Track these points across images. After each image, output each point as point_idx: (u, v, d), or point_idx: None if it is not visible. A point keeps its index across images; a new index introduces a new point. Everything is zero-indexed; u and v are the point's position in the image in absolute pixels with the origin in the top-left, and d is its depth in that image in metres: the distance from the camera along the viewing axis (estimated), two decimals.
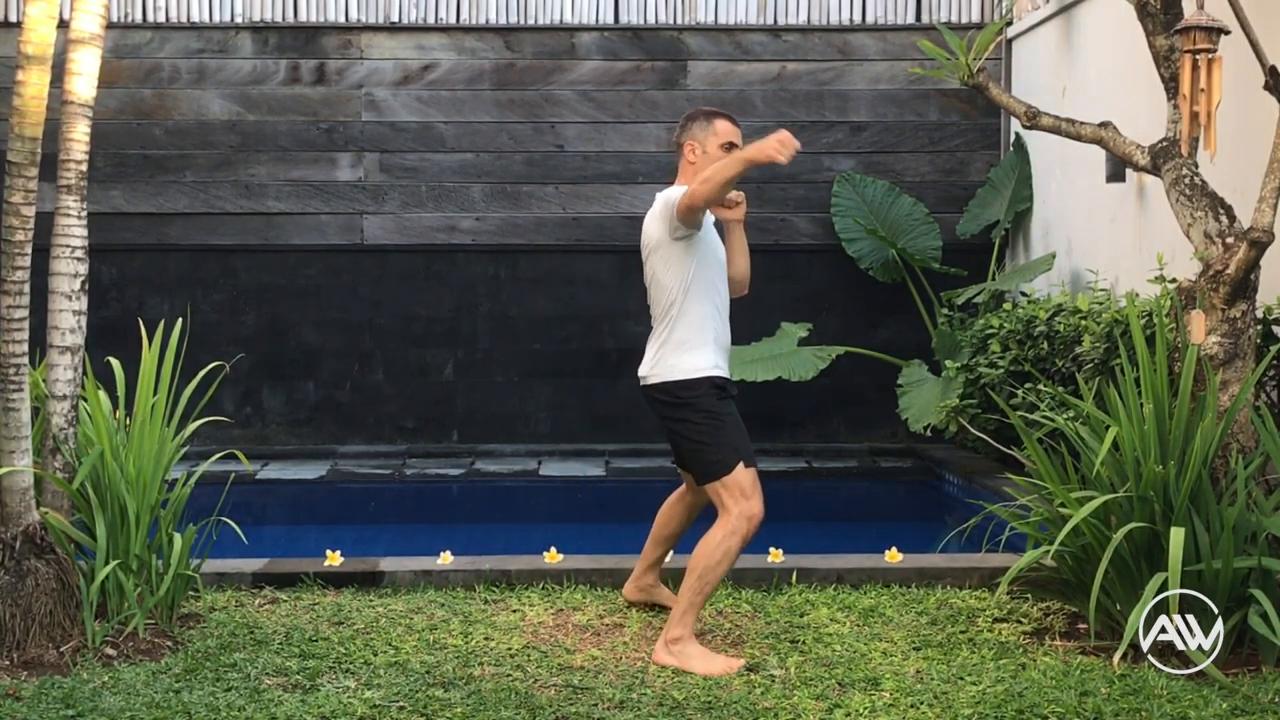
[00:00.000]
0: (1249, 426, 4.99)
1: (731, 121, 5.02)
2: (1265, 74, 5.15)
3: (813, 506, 8.90)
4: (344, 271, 9.66)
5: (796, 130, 5.05)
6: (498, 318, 9.71)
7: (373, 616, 5.23)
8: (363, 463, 9.27)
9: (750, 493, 4.84)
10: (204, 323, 9.37)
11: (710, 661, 4.65)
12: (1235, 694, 4.35)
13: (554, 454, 9.37)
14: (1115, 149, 5.62)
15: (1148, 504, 4.80)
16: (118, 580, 4.89)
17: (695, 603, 4.74)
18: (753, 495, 4.84)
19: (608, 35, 9.70)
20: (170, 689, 4.38)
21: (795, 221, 9.65)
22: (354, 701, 4.30)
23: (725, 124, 4.98)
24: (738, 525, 4.77)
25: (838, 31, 9.73)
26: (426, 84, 9.62)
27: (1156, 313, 5.28)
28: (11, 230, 4.77)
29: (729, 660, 4.68)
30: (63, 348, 5.03)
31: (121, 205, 9.50)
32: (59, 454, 5.00)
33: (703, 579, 4.74)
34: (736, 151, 4.86)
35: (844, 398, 9.70)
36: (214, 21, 9.59)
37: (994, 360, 7.91)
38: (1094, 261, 8.02)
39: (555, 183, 9.65)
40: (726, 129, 4.97)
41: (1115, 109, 6.82)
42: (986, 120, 9.72)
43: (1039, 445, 5.13)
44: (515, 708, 4.26)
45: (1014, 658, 4.75)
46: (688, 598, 4.74)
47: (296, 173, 9.59)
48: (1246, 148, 5.81)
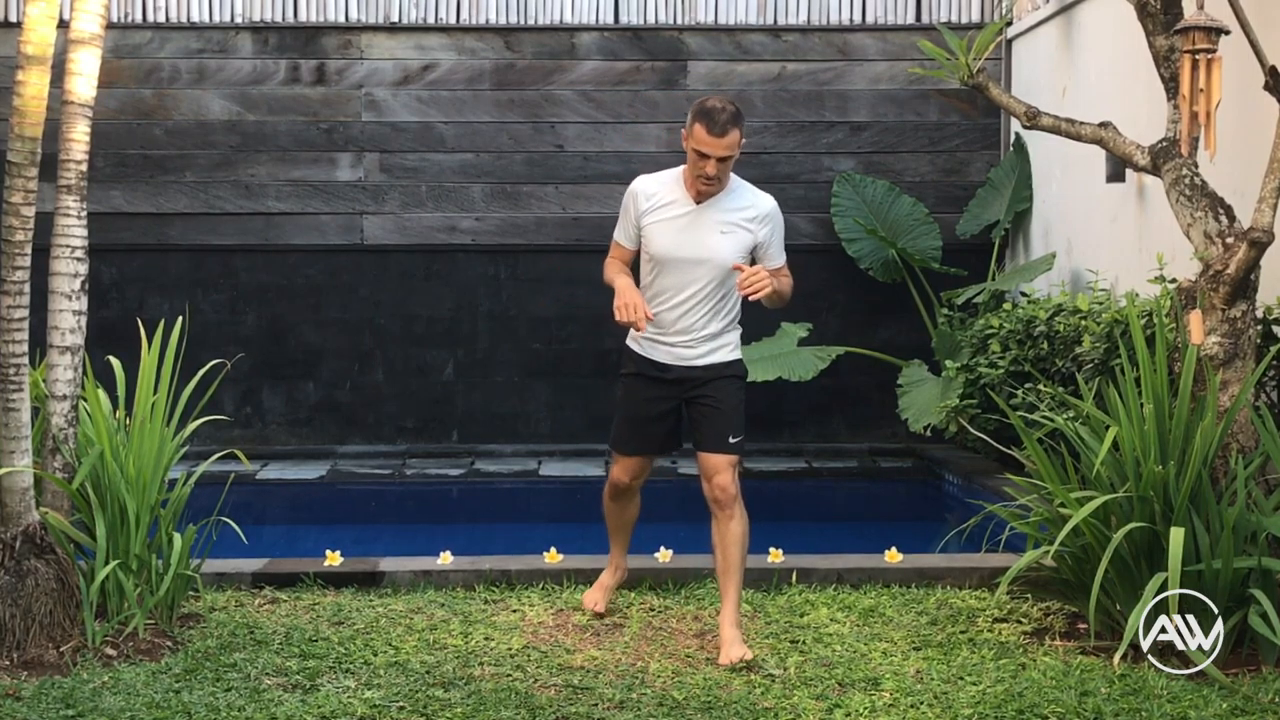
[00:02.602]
0: (1249, 426, 4.99)
1: (710, 129, 4.76)
2: (1265, 74, 5.14)
3: (813, 506, 8.90)
4: (344, 271, 9.65)
5: (796, 130, 5.05)
6: (498, 318, 9.71)
7: (373, 616, 5.23)
8: (363, 463, 9.26)
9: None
10: (204, 323, 9.36)
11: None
12: (1235, 694, 4.36)
13: (554, 454, 9.36)
14: (1115, 149, 5.62)
15: (1148, 504, 4.80)
16: (118, 580, 4.89)
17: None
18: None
19: (608, 35, 9.69)
20: (170, 689, 4.39)
21: (795, 221, 9.64)
22: (354, 701, 4.30)
23: (700, 131, 4.78)
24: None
25: (838, 31, 9.73)
26: (426, 84, 9.62)
27: (1156, 313, 5.28)
28: (11, 230, 4.77)
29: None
30: (63, 348, 5.03)
31: (121, 205, 9.50)
32: (59, 454, 5.00)
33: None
34: (618, 281, 4.94)
35: (844, 398, 9.69)
36: (214, 21, 9.59)
37: (994, 360, 7.91)
38: (1094, 261, 8.02)
39: (555, 183, 9.65)
40: (699, 138, 4.79)
41: (1115, 109, 6.82)
42: (986, 120, 9.72)
43: (1039, 445, 5.13)
44: (515, 708, 4.26)
45: (1014, 658, 4.75)
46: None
47: (296, 173, 9.59)
48: (1246, 148, 5.81)
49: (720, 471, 4.91)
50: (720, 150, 4.78)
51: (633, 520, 5.40)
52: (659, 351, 5.05)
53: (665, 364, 5.05)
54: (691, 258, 4.93)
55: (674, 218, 4.95)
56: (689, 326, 5.00)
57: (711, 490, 4.93)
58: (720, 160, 4.80)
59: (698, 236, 4.92)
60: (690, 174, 4.90)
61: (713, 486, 4.92)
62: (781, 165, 9.63)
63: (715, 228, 4.91)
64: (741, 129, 4.84)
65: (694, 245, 4.92)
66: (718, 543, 4.92)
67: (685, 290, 4.97)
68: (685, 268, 4.94)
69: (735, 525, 4.89)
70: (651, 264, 5.02)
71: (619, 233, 5.11)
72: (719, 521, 4.92)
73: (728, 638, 4.81)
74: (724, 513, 4.89)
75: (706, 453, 4.97)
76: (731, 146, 4.80)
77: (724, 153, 4.79)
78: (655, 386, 5.08)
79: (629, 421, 5.20)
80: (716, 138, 4.77)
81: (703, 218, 4.93)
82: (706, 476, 4.96)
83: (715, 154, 4.79)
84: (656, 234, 4.97)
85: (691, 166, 4.87)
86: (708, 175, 4.82)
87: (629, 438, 5.22)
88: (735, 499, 4.90)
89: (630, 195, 5.05)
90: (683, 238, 4.93)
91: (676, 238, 4.94)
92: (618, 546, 5.42)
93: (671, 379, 5.06)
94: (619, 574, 5.42)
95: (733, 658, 4.71)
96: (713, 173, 4.82)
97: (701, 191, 4.90)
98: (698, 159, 4.82)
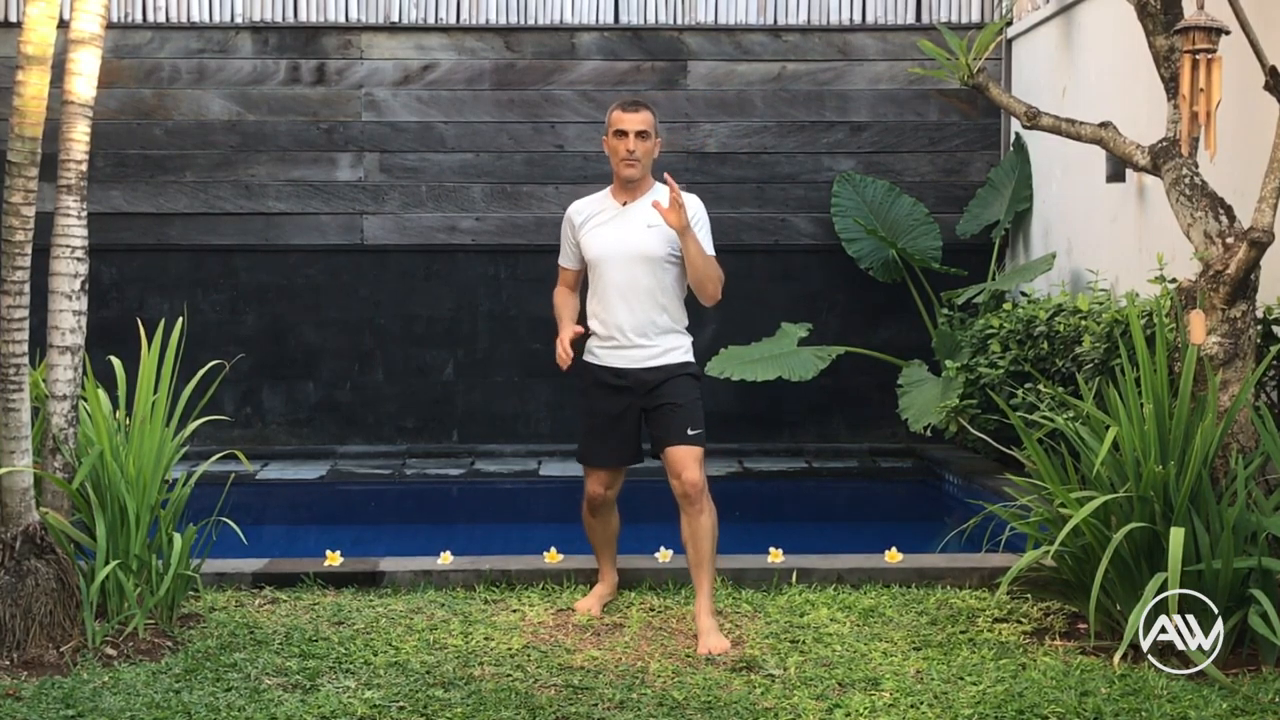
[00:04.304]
0: (1249, 426, 4.99)
1: (623, 109, 5.23)
2: (1265, 74, 5.14)
3: (813, 506, 8.90)
4: (344, 271, 9.65)
5: (796, 130, 5.09)
6: (498, 318, 9.71)
7: (373, 616, 5.23)
8: (363, 463, 9.26)
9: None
10: (204, 323, 9.37)
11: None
12: (1235, 694, 4.35)
13: (554, 454, 9.36)
14: (1115, 149, 5.62)
15: (1148, 504, 4.80)
16: (118, 580, 4.89)
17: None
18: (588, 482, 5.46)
19: (608, 35, 9.69)
20: (170, 689, 4.39)
21: (795, 221, 9.65)
22: (354, 701, 4.30)
23: (616, 113, 5.24)
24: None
25: (838, 31, 9.73)
26: (426, 84, 9.62)
27: (1156, 313, 5.28)
28: (11, 230, 4.77)
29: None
30: (63, 348, 5.03)
31: (121, 205, 9.50)
32: (59, 454, 5.00)
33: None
34: (560, 322, 5.39)
35: (844, 398, 9.69)
36: (214, 21, 9.59)
37: (994, 360, 7.91)
38: (1094, 261, 8.02)
39: (555, 183, 9.65)
40: (615, 118, 5.23)
41: (1115, 109, 6.82)
42: (986, 120, 9.72)
43: (1039, 445, 5.13)
44: (515, 708, 4.26)
45: (1014, 658, 4.75)
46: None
47: (296, 173, 9.59)
48: (1246, 148, 5.81)
49: (687, 467, 5.11)
50: (634, 125, 5.19)
51: (614, 534, 5.54)
52: (614, 357, 5.31)
53: (621, 369, 5.30)
54: (623, 254, 5.24)
55: (604, 223, 5.31)
56: (637, 325, 5.25)
57: (681, 486, 5.11)
58: (637, 135, 5.18)
59: (626, 234, 5.24)
60: (615, 163, 5.27)
61: (682, 482, 5.11)
62: (781, 165, 9.63)
63: (641, 225, 5.24)
64: (654, 114, 5.28)
65: (623, 242, 5.24)
66: (688, 538, 5.12)
67: (627, 288, 5.24)
68: (620, 265, 5.24)
69: (705, 519, 5.10)
70: (593, 271, 5.32)
71: (562, 257, 5.48)
72: (689, 517, 5.11)
73: (705, 627, 4.98)
74: (694, 508, 5.09)
75: (671, 446, 5.17)
76: (645, 123, 5.21)
77: (638, 126, 5.19)
78: (613, 395, 5.32)
79: (592, 433, 5.43)
80: (630, 113, 5.22)
81: (629, 216, 5.26)
82: (674, 473, 5.14)
83: (631, 128, 5.19)
84: (591, 241, 5.31)
85: (613, 155, 5.25)
86: (628, 151, 5.18)
87: (595, 450, 5.43)
88: (703, 493, 5.11)
89: (566, 220, 5.44)
90: (613, 237, 5.27)
91: (607, 239, 5.28)
92: (605, 561, 5.56)
93: (628, 384, 5.28)
94: (610, 585, 5.53)
95: (711, 647, 4.86)
96: (632, 147, 5.19)
97: (625, 175, 5.23)
98: (617, 142, 5.22)
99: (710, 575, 5.10)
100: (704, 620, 5.00)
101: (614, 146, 5.23)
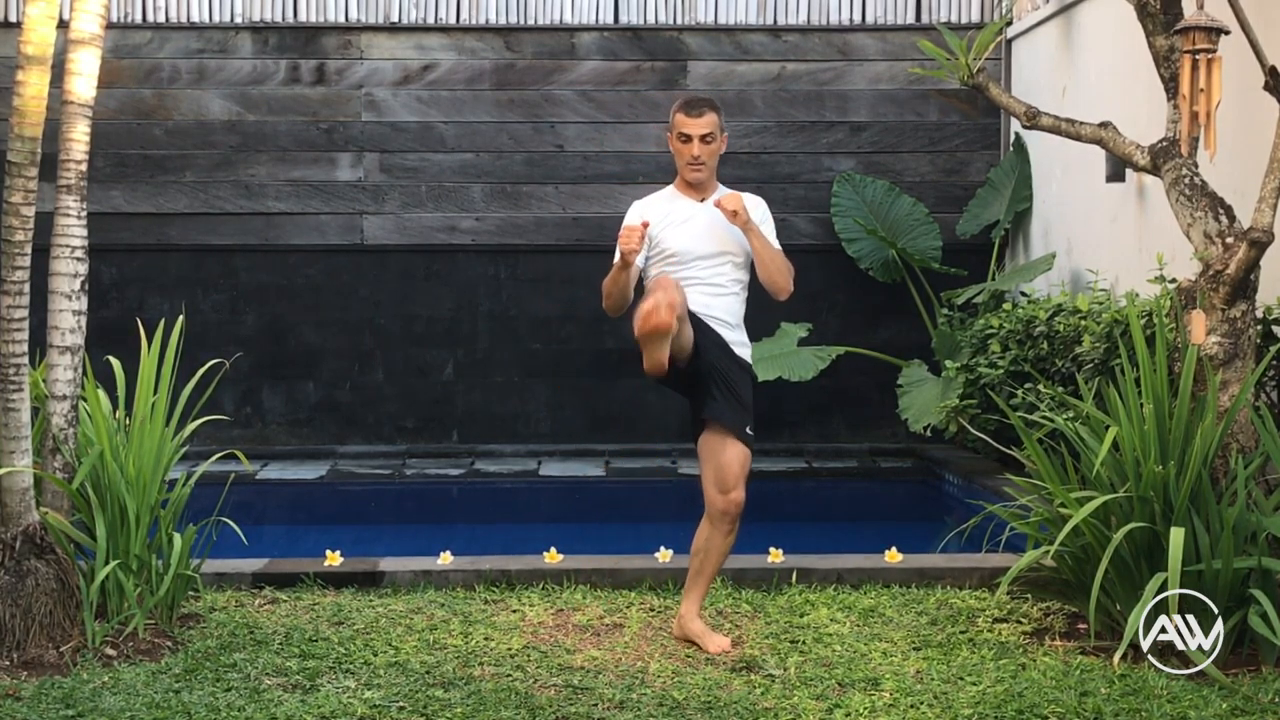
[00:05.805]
0: (1249, 426, 4.99)
1: (687, 112, 5.03)
2: (1265, 74, 5.15)
3: (813, 506, 8.90)
4: (344, 271, 9.65)
5: (796, 130, 5.08)
6: (498, 318, 9.71)
7: (373, 616, 5.23)
8: (363, 463, 9.26)
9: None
10: (204, 323, 9.37)
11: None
12: (1235, 694, 4.35)
13: (554, 454, 9.36)
14: (1115, 149, 5.62)
15: (1148, 504, 4.80)
16: (118, 580, 4.89)
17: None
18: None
19: (608, 35, 9.70)
20: (170, 689, 4.38)
21: (795, 221, 9.65)
22: (354, 701, 4.30)
23: (680, 117, 5.05)
24: None
25: (838, 31, 9.73)
26: (426, 84, 9.62)
27: (1156, 313, 5.27)
28: (11, 230, 4.77)
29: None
30: (63, 348, 5.03)
31: (121, 205, 9.50)
32: (59, 454, 5.00)
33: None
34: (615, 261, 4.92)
35: (844, 398, 9.69)
36: (214, 21, 9.59)
37: (994, 360, 7.91)
38: (1094, 261, 8.02)
39: (555, 183, 9.65)
40: (679, 122, 5.05)
41: (1115, 109, 6.82)
42: (986, 120, 9.72)
43: (1039, 445, 5.13)
44: (515, 708, 4.26)
45: (1014, 658, 4.75)
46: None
47: (296, 173, 9.59)
48: (1246, 148, 5.81)
49: (737, 487, 4.93)
50: (699, 129, 5.01)
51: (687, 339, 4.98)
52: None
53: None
54: (714, 251, 5.04)
55: (686, 220, 5.06)
56: (726, 307, 5.06)
57: (726, 504, 4.93)
58: (702, 140, 5.00)
59: (713, 230, 5.05)
60: (680, 167, 5.09)
61: (728, 501, 4.92)
62: (781, 165, 9.63)
63: (723, 221, 5.02)
64: (719, 115, 5.07)
65: (712, 239, 5.04)
66: (705, 549, 4.99)
67: (711, 279, 5.03)
68: (708, 260, 5.04)
69: (730, 540, 5.01)
70: (673, 266, 5.02)
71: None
72: (719, 532, 4.96)
73: (699, 630, 4.96)
74: (728, 527, 4.96)
75: (723, 460, 4.93)
76: (710, 126, 5.02)
77: (704, 130, 5.01)
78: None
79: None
80: (695, 118, 5.02)
81: (712, 214, 5.05)
82: (723, 488, 4.93)
83: (696, 133, 5.00)
84: (673, 238, 5.04)
85: (679, 157, 5.07)
86: (694, 157, 5.02)
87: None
88: (739, 517, 4.98)
89: (634, 218, 5.05)
90: (700, 231, 5.05)
91: (695, 232, 5.05)
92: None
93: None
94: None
95: (721, 646, 4.88)
96: (698, 152, 5.01)
97: (691, 180, 5.07)
98: (682, 145, 5.04)
99: (707, 588, 5.09)
100: (697, 624, 4.97)
101: (679, 149, 5.05)
